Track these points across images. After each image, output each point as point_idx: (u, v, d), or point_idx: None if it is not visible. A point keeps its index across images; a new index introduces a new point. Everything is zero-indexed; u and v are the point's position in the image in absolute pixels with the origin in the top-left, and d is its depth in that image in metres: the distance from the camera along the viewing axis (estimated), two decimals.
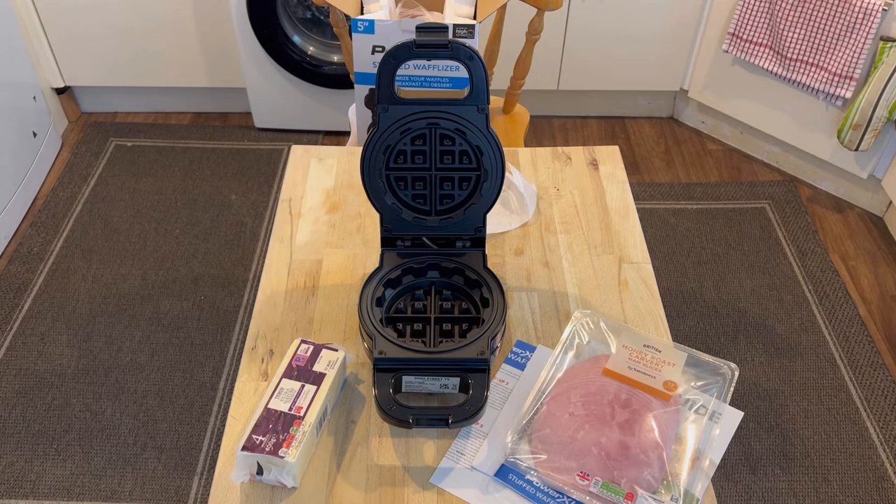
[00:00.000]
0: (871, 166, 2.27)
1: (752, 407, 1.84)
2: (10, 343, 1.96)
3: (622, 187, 1.27)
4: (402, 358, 0.92)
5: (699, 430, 0.90)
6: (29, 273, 2.15)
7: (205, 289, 2.11)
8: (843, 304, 2.09)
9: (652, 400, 0.90)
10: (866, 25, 2.04)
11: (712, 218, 2.35)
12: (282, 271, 1.12)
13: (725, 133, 2.67)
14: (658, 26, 2.47)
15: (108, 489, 1.67)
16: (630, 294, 1.09)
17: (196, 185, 2.44)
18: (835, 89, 2.17)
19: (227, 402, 1.84)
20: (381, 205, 1.01)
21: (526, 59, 1.75)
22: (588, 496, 0.83)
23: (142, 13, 2.45)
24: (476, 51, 0.91)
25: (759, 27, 2.27)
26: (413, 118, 0.94)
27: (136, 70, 2.60)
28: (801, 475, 1.72)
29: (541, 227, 1.20)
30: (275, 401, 0.90)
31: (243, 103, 2.68)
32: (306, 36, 2.45)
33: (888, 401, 1.86)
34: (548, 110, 2.77)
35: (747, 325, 2.03)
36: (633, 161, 2.59)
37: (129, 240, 2.25)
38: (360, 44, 1.36)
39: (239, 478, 0.86)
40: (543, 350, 1.01)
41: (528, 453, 0.88)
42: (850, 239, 2.31)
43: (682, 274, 2.17)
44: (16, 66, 2.34)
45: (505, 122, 1.84)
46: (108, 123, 2.70)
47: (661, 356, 0.95)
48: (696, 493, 0.84)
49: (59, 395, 1.85)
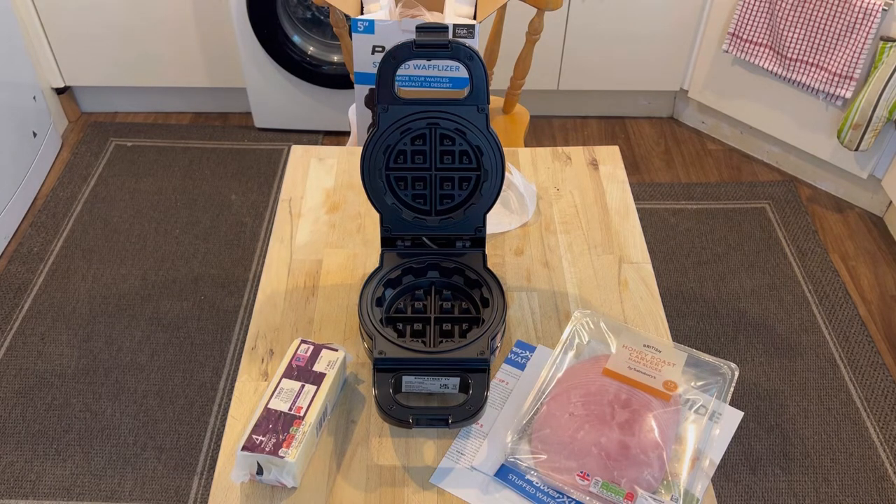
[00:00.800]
0: (871, 166, 2.27)
1: (752, 407, 1.84)
2: (10, 343, 1.96)
3: (622, 187, 1.27)
4: (402, 358, 0.92)
5: (699, 430, 0.90)
6: (29, 273, 2.15)
7: (205, 289, 2.11)
8: (843, 304, 2.09)
9: (652, 400, 0.90)
10: (866, 25, 2.04)
11: (712, 218, 2.35)
12: (282, 271, 1.12)
13: (725, 133, 2.67)
14: (658, 26, 2.47)
15: (108, 489, 1.67)
16: (630, 294, 1.09)
17: (196, 185, 2.44)
18: (835, 89, 2.17)
19: (227, 402, 1.84)
20: (381, 205, 1.01)
21: (526, 59, 1.75)
22: (588, 496, 0.83)
23: (142, 13, 2.45)
24: (476, 51, 0.91)
25: (759, 27, 2.27)
26: (413, 118, 0.94)
27: (136, 70, 2.60)
28: (801, 475, 1.72)
29: (541, 227, 1.20)
30: (275, 401, 0.90)
31: (243, 103, 2.68)
32: (306, 36, 2.45)
33: (888, 401, 1.86)
34: (548, 110, 2.77)
35: (747, 325, 2.03)
36: (633, 161, 2.59)
37: (129, 240, 2.25)
38: (360, 44, 1.36)
39: (239, 478, 0.86)
40: (543, 350, 1.01)
41: (528, 453, 0.88)
42: (850, 239, 2.31)
43: (682, 274, 2.17)
44: (16, 66, 2.34)
45: (505, 122, 1.84)
46: (108, 123, 2.70)
47: (661, 356, 0.95)
48: (696, 493, 0.84)
49: (59, 395, 1.85)
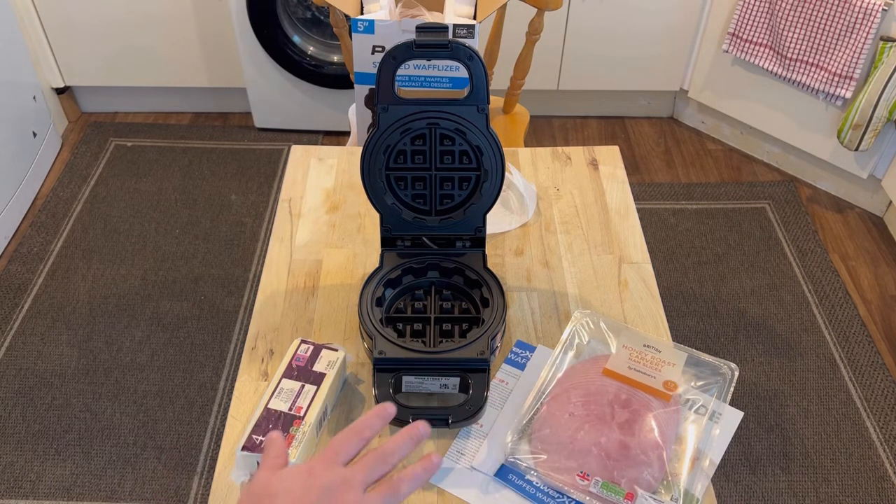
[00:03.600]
0: (871, 166, 2.27)
1: (752, 407, 1.84)
2: (10, 343, 1.96)
3: (622, 187, 1.27)
4: (402, 358, 0.92)
5: (699, 430, 0.90)
6: (29, 273, 2.15)
7: (205, 289, 2.11)
8: (843, 304, 2.09)
9: (652, 400, 0.90)
10: (866, 25, 2.04)
11: (712, 218, 2.35)
12: (282, 271, 1.12)
13: (725, 133, 2.67)
14: (658, 26, 2.47)
15: (108, 489, 1.67)
16: (630, 294, 1.09)
17: (196, 185, 2.44)
18: (835, 89, 2.17)
19: (227, 402, 1.84)
20: (381, 205, 1.01)
21: (526, 59, 1.75)
22: (588, 496, 0.83)
23: (142, 13, 2.45)
24: (476, 51, 0.91)
25: (759, 27, 2.27)
26: (413, 118, 0.94)
27: (136, 70, 2.60)
28: (801, 475, 1.72)
29: (541, 227, 1.20)
30: (275, 401, 0.90)
31: (243, 103, 2.68)
32: (306, 36, 2.45)
33: (888, 401, 1.86)
34: (548, 110, 2.77)
35: (747, 325, 2.03)
36: (633, 161, 2.59)
37: (129, 240, 2.25)
38: (360, 44, 1.36)
39: (239, 478, 0.86)
40: (543, 350, 1.01)
41: (528, 453, 0.88)
42: (850, 239, 2.31)
43: (682, 274, 2.17)
44: (16, 66, 2.34)
45: (505, 122, 1.84)
46: (108, 123, 2.71)
47: (661, 356, 0.95)
48: (696, 493, 0.84)
49: (59, 395, 1.85)
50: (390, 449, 0.65)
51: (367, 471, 0.63)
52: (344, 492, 0.61)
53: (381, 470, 0.64)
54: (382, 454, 0.64)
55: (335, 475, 0.62)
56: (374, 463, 0.64)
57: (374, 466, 0.64)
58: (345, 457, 0.64)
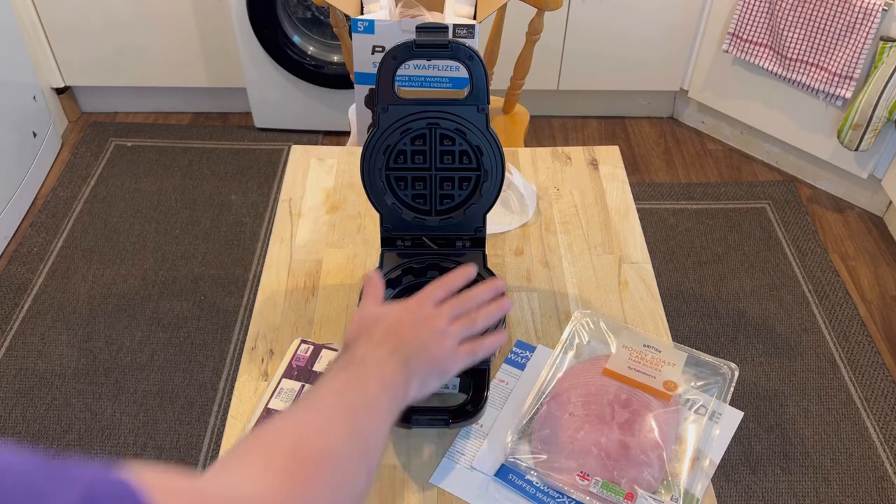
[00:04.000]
0: (871, 166, 2.27)
1: (752, 407, 1.84)
2: (10, 343, 1.96)
3: (622, 187, 1.27)
4: None
5: (699, 430, 0.90)
6: (29, 273, 2.15)
7: (205, 289, 2.11)
8: (843, 304, 2.09)
9: (652, 400, 0.90)
10: (866, 25, 2.04)
11: (712, 218, 2.35)
12: (282, 271, 1.12)
13: (725, 133, 2.67)
14: (658, 26, 2.47)
15: None
16: (630, 294, 1.09)
17: (196, 185, 2.44)
18: (835, 89, 2.17)
19: (227, 402, 1.84)
20: (381, 205, 1.01)
21: (526, 59, 1.75)
22: (588, 496, 0.83)
23: (142, 13, 2.45)
24: (476, 51, 0.91)
25: (759, 27, 2.27)
26: (413, 118, 0.94)
27: (136, 70, 2.60)
28: (801, 475, 1.72)
29: (541, 227, 1.20)
30: (275, 401, 0.90)
31: (243, 103, 2.68)
32: (306, 36, 2.45)
33: (888, 401, 1.86)
34: (548, 110, 2.77)
35: (747, 325, 2.03)
36: (633, 161, 2.59)
37: (129, 240, 2.25)
38: (360, 44, 1.36)
39: None
40: (543, 350, 1.01)
41: (528, 453, 0.88)
42: (850, 239, 2.31)
43: (682, 274, 2.17)
44: (16, 66, 2.34)
45: (505, 122, 1.84)
46: (108, 123, 2.71)
47: (661, 356, 0.95)
48: (696, 493, 0.84)
49: (59, 395, 1.85)
50: (473, 294, 0.83)
51: (453, 308, 0.80)
52: (433, 319, 0.78)
53: (465, 307, 0.81)
54: (466, 298, 0.82)
55: (428, 309, 0.79)
56: (459, 303, 0.81)
57: (459, 305, 0.81)
58: (435, 299, 0.81)
